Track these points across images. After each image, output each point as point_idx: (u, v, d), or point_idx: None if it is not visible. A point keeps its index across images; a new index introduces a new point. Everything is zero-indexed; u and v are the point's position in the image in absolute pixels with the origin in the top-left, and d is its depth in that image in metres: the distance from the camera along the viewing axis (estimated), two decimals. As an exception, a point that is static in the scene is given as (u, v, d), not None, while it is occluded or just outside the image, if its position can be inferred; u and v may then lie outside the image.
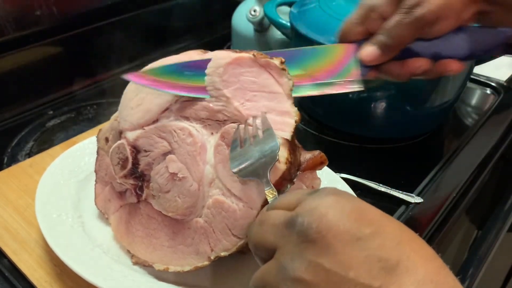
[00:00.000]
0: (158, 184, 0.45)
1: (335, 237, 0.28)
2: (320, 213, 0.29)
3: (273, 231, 0.32)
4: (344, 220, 0.29)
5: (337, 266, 0.28)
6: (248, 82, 0.43)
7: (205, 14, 1.07)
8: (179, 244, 0.45)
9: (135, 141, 0.47)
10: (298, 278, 0.29)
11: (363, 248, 0.28)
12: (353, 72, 0.47)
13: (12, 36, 0.75)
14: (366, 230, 0.29)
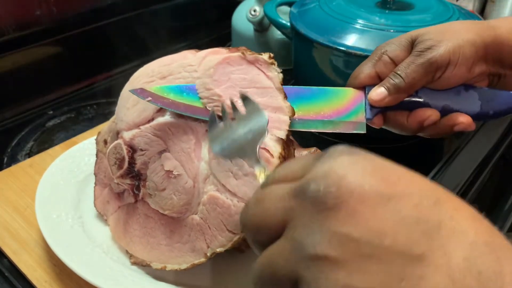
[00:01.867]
0: (154, 182, 0.45)
1: (360, 201, 0.23)
2: (337, 175, 0.24)
3: (278, 206, 0.26)
4: (367, 180, 0.24)
5: (368, 234, 0.23)
6: (238, 79, 0.44)
7: (205, 14, 1.08)
8: (176, 242, 0.46)
9: (131, 141, 0.47)
10: (320, 255, 0.23)
11: (396, 210, 0.23)
12: (360, 116, 0.47)
13: (12, 36, 0.75)
14: (395, 188, 0.24)
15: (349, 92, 0.48)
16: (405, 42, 0.46)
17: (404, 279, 0.22)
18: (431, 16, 0.68)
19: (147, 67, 0.49)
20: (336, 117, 0.46)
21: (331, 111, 0.46)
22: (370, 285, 0.22)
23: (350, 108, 0.47)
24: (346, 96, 0.48)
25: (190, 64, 0.46)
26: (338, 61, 0.67)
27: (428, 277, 0.22)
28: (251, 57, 0.45)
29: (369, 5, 0.71)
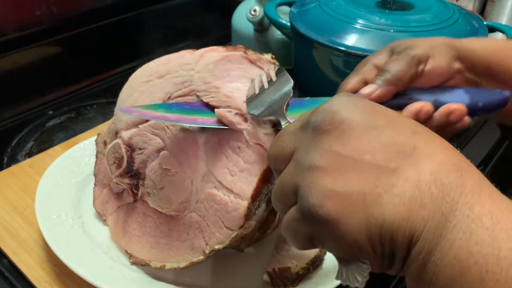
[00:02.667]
0: (152, 181, 0.45)
1: (348, 127, 0.29)
2: (333, 110, 0.30)
3: (290, 138, 0.32)
4: (357, 113, 0.30)
5: (352, 151, 0.28)
6: (238, 76, 0.44)
7: (205, 14, 1.08)
8: (175, 240, 0.46)
9: (130, 140, 0.47)
10: (312, 165, 0.29)
11: (378, 135, 0.29)
12: None
13: (12, 36, 0.75)
14: (380, 121, 0.29)
15: None
16: (385, 52, 0.49)
17: (378, 186, 0.27)
18: (431, 16, 0.68)
19: (145, 67, 0.49)
20: None
21: None
22: (350, 189, 0.28)
23: None
24: None
25: (188, 62, 0.46)
26: (338, 61, 0.67)
27: (399, 185, 0.27)
28: (254, 57, 0.45)
29: (369, 5, 0.71)
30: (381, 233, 0.27)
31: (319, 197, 0.28)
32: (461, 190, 0.27)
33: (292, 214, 0.30)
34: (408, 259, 0.27)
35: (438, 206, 0.26)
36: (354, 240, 0.28)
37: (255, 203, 0.41)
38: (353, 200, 0.28)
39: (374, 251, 0.28)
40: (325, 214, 0.28)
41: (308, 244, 0.31)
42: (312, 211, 0.28)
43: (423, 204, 0.27)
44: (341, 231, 0.28)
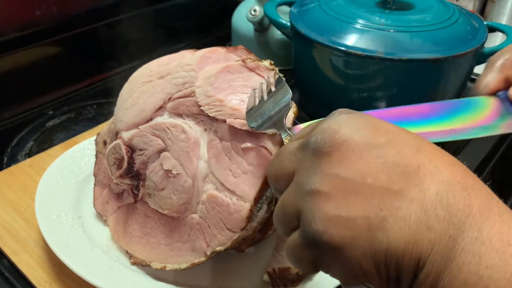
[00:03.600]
0: (153, 182, 0.45)
1: (349, 148, 0.28)
2: (332, 130, 0.29)
3: (290, 158, 0.32)
4: (358, 132, 0.29)
5: (354, 174, 0.28)
6: (239, 86, 0.44)
7: (205, 14, 1.08)
8: (176, 241, 0.46)
9: (130, 140, 0.47)
10: (314, 190, 0.28)
11: (380, 155, 0.28)
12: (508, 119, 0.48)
13: (12, 36, 0.75)
14: (381, 139, 0.28)
15: (486, 99, 0.50)
16: None
17: (382, 209, 0.26)
18: (431, 16, 0.68)
19: (146, 67, 0.49)
20: (491, 122, 0.48)
21: (483, 118, 0.48)
22: (353, 214, 0.27)
23: (497, 113, 0.49)
24: (486, 103, 0.50)
25: (188, 63, 0.46)
26: (338, 61, 0.67)
27: (403, 208, 0.26)
28: (252, 64, 0.45)
29: (369, 5, 0.71)
30: (387, 257, 0.26)
31: (322, 223, 0.27)
32: (469, 210, 0.26)
33: (295, 239, 0.30)
34: (415, 283, 0.27)
35: (445, 228, 0.25)
36: (359, 265, 0.27)
37: (257, 205, 0.41)
38: (357, 224, 0.27)
39: (379, 275, 0.27)
40: (329, 240, 0.27)
41: (312, 268, 0.30)
42: (316, 237, 0.28)
43: (430, 226, 0.26)
44: (346, 257, 0.27)
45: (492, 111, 0.49)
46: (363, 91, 0.68)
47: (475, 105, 0.49)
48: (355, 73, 0.67)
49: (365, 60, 0.64)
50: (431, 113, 0.48)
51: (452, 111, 0.48)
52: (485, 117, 0.48)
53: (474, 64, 0.70)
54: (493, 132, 0.47)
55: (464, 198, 0.26)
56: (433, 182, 0.27)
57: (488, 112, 0.49)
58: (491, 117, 0.48)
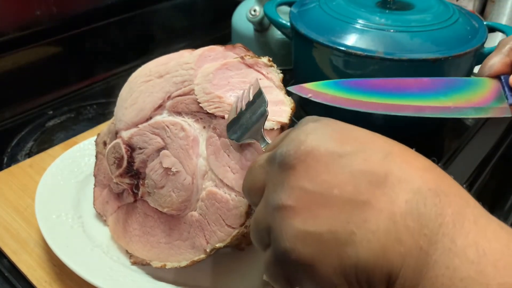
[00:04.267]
0: (153, 180, 0.46)
1: (315, 159, 0.27)
2: (298, 141, 0.28)
3: (260, 171, 0.31)
4: (323, 142, 0.28)
5: (320, 186, 0.26)
6: (238, 82, 0.44)
7: (205, 14, 1.08)
8: (176, 239, 0.46)
9: (130, 139, 0.47)
10: (281, 205, 0.27)
11: (346, 165, 0.27)
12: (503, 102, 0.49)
13: (12, 36, 0.75)
14: (348, 147, 0.27)
15: (487, 81, 0.51)
16: None
17: (350, 222, 0.25)
18: (431, 16, 0.68)
19: (145, 67, 0.50)
20: (484, 105, 0.49)
21: (478, 100, 0.49)
22: (320, 229, 0.26)
23: (493, 96, 0.49)
24: (486, 85, 0.50)
25: (187, 62, 0.46)
26: (338, 61, 0.66)
27: (372, 220, 0.25)
28: (251, 61, 0.45)
29: (369, 5, 0.71)
30: (357, 272, 0.25)
31: (290, 240, 0.27)
32: (441, 219, 0.24)
33: (268, 256, 0.29)
34: None
35: (415, 240, 0.24)
36: (330, 281, 0.26)
37: (256, 201, 0.41)
38: (325, 240, 0.26)
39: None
40: (298, 258, 0.26)
41: (287, 285, 0.29)
42: (285, 255, 0.27)
43: (399, 238, 0.24)
44: (316, 273, 0.26)
45: (489, 94, 0.49)
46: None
47: (475, 85, 0.50)
48: (355, 73, 0.67)
49: (365, 60, 0.64)
50: (431, 88, 0.48)
51: (451, 89, 0.49)
52: (481, 99, 0.49)
53: (474, 64, 0.70)
54: (484, 115, 0.48)
55: (435, 206, 0.25)
56: (402, 190, 0.25)
57: (486, 93, 0.49)
58: (487, 99, 0.49)
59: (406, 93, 0.48)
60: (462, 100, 0.49)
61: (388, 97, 0.48)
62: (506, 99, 0.49)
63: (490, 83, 0.51)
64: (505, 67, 0.50)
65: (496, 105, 0.48)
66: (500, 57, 0.50)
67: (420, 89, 0.48)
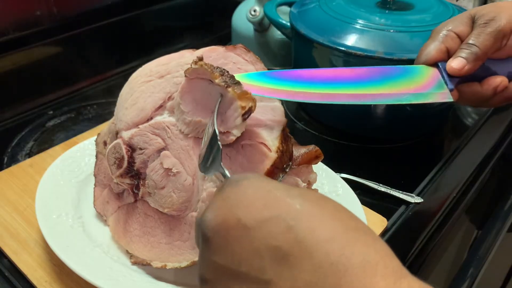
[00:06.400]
0: (153, 181, 0.46)
1: (226, 232, 0.27)
2: (215, 208, 0.28)
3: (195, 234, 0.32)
4: (235, 212, 0.27)
5: (230, 262, 0.27)
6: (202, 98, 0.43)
7: (205, 14, 1.08)
8: (176, 240, 0.46)
9: (130, 140, 0.47)
10: (203, 278, 0.28)
11: (253, 239, 0.26)
12: (443, 88, 0.49)
13: (12, 36, 0.75)
14: (257, 216, 0.27)
15: (425, 68, 0.51)
16: (465, 19, 0.50)
17: None
18: (431, 16, 0.68)
19: (145, 67, 0.50)
20: (424, 91, 0.49)
21: (417, 86, 0.49)
22: None
23: (432, 82, 0.50)
24: (424, 72, 0.51)
25: (187, 62, 0.46)
26: (338, 61, 0.67)
27: None
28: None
29: (369, 5, 0.71)
30: None
31: None
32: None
33: None
34: None
35: None
36: None
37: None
38: None
39: None
40: None
41: None
42: None
43: None
44: None
45: (429, 80, 0.49)
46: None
47: (413, 73, 0.50)
48: (355, 73, 0.67)
49: (365, 60, 0.64)
50: (368, 76, 0.48)
51: (388, 76, 0.49)
52: (421, 85, 0.49)
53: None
54: (425, 100, 0.48)
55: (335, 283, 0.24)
56: (303, 268, 0.24)
57: (425, 80, 0.49)
58: (427, 85, 0.49)
59: (341, 82, 0.47)
60: (400, 87, 0.48)
61: (322, 87, 0.46)
62: (446, 85, 0.49)
63: (428, 70, 0.51)
64: (441, 54, 0.50)
65: (436, 91, 0.49)
66: (435, 45, 0.50)
67: (356, 78, 0.48)
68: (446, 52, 0.50)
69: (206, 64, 0.40)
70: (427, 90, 0.49)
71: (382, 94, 0.47)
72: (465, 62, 0.48)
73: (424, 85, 0.49)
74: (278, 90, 0.44)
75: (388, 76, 0.49)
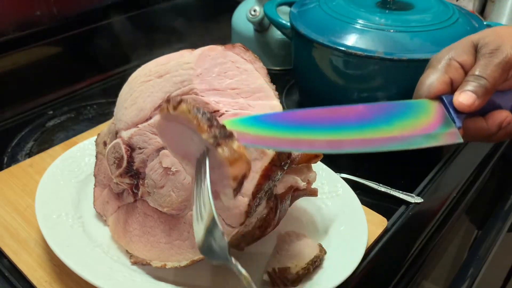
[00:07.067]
0: (152, 180, 0.46)
1: None
2: None
3: None
4: None
5: None
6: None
7: (205, 14, 1.08)
8: (176, 239, 0.46)
9: (130, 139, 0.47)
10: None
11: None
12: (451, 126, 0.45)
13: (12, 36, 0.75)
14: None
15: (428, 103, 0.47)
16: (468, 47, 0.47)
17: None
18: (431, 16, 0.68)
19: (145, 67, 0.50)
20: (432, 131, 0.44)
21: (424, 125, 0.45)
22: None
23: (439, 119, 0.45)
24: (428, 107, 0.46)
25: (187, 61, 0.46)
26: (338, 61, 0.67)
27: None
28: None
29: (369, 5, 0.71)
30: None
31: None
32: None
33: None
34: None
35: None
36: None
37: (256, 200, 0.41)
38: None
39: None
40: None
41: None
42: None
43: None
44: None
45: (435, 118, 0.45)
46: (363, 91, 0.68)
47: (417, 109, 0.46)
48: (355, 73, 0.67)
49: (365, 60, 0.64)
50: (370, 116, 0.43)
51: (392, 115, 0.44)
52: (428, 124, 0.45)
53: (474, 64, 0.70)
54: (435, 143, 0.44)
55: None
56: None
57: (431, 118, 0.45)
58: (434, 124, 0.45)
59: (345, 124, 0.42)
60: (407, 127, 0.44)
61: (326, 131, 0.41)
62: (453, 122, 0.45)
63: (432, 105, 0.46)
64: (445, 86, 0.46)
65: (444, 131, 0.44)
66: (437, 75, 0.47)
67: (360, 118, 0.43)
68: (450, 83, 0.47)
69: (190, 111, 0.33)
70: (435, 129, 0.44)
71: (391, 137, 0.43)
72: (475, 97, 0.44)
73: (431, 123, 0.45)
74: (278, 139, 0.38)
75: (392, 114, 0.44)
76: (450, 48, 0.49)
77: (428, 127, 0.44)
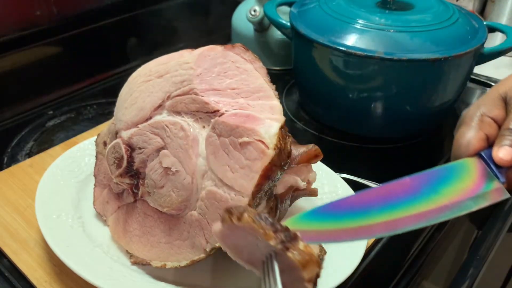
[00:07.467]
0: (152, 180, 0.46)
1: None
2: None
3: None
4: None
5: None
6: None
7: (205, 14, 1.08)
8: (175, 239, 0.46)
9: (130, 139, 0.47)
10: None
11: None
12: (495, 182, 0.46)
13: (12, 36, 0.75)
14: None
15: (468, 162, 0.48)
16: (497, 101, 0.49)
17: None
18: (431, 16, 0.68)
19: (145, 67, 0.50)
20: (479, 191, 0.45)
21: (470, 186, 0.45)
22: None
23: (482, 177, 0.46)
24: (469, 167, 0.47)
25: (187, 61, 0.46)
26: (338, 61, 0.67)
27: None
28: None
29: (369, 5, 0.71)
30: None
31: None
32: None
33: None
34: None
35: None
36: None
37: (256, 200, 0.41)
38: None
39: None
40: None
41: None
42: None
43: None
44: None
45: (478, 176, 0.46)
46: (363, 91, 0.68)
47: (459, 171, 0.46)
48: (355, 73, 0.67)
49: (365, 60, 0.64)
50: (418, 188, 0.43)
51: (438, 182, 0.44)
52: (473, 185, 0.45)
53: (474, 64, 0.70)
54: (484, 204, 0.44)
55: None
56: None
57: (475, 177, 0.46)
58: (479, 183, 0.45)
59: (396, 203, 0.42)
60: (455, 192, 0.44)
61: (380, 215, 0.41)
62: (497, 178, 0.46)
63: (472, 163, 0.47)
64: (482, 142, 0.48)
65: (490, 188, 0.45)
66: (473, 133, 0.48)
67: (408, 194, 0.43)
68: (486, 139, 0.48)
69: (254, 221, 0.33)
70: (481, 189, 0.45)
71: (442, 207, 0.42)
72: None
73: (476, 183, 0.45)
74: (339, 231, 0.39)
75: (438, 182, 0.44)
76: (479, 104, 0.50)
77: (474, 188, 0.45)
